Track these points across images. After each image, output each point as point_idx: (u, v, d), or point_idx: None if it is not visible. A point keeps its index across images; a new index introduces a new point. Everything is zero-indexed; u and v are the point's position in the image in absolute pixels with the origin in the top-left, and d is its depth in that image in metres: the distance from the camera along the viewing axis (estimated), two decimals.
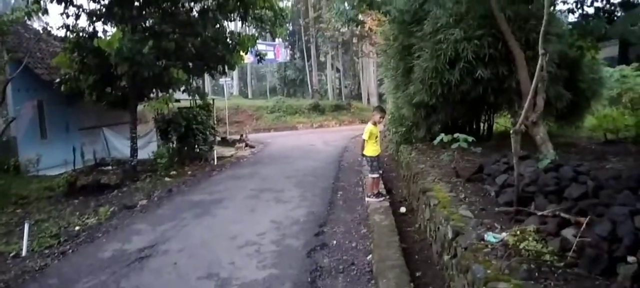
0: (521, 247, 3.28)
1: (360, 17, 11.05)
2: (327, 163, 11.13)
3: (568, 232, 3.31)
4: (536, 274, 2.89)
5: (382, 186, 7.35)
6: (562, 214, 3.55)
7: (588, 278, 2.79)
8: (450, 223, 3.95)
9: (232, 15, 11.95)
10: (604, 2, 7.78)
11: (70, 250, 5.32)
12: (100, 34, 10.67)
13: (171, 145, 12.49)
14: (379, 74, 31.00)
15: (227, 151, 15.19)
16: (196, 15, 11.52)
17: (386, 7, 7.50)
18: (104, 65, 10.15)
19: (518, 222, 3.86)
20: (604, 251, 2.89)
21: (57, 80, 11.14)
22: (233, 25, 23.48)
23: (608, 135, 9.02)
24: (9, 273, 4.71)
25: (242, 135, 19.29)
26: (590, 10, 8.09)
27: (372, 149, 6.58)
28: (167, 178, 10.23)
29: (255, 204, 7.01)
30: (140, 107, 12.08)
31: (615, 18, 7.89)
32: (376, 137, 6.76)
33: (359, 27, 18.53)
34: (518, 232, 3.51)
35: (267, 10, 12.38)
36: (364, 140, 6.60)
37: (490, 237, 3.55)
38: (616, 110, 11.36)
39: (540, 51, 4.51)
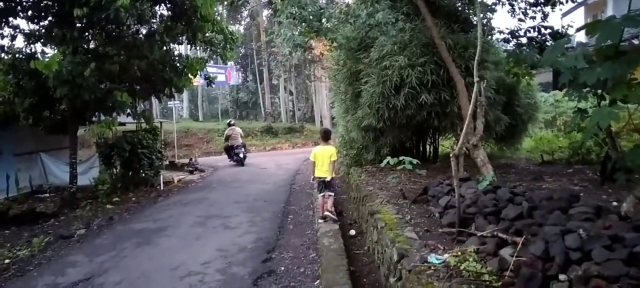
0: (462, 268, 3.37)
1: (311, 42, 11.18)
2: (278, 187, 11.02)
3: (505, 252, 3.43)
4: None
5: (333, 208, 7.37)
6: (500, 234, 3.68)
7: None
8: (395, 246, 4.00)
9: (180, 38, 11.74)
10: (536, 33, 8.33)
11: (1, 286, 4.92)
12: (38, 56, 10.14)
13: (114, 171, 11.95)
14: (331, 97, 31.49)
15: (175, 175, 14.71)
16: (142, 37, 11.24)
17: (333, 34, 7.66)
18: (41, 88, 9.62)
19: (460, 243, 3.97)
20: (539, 270, 3.01)
21: None
22: (182, 48, 23.09)
23: (544, 156, 9.55)
24: None
25: (191, 159, 18.79)
26: (524, 40, 8.63)
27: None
28: (109, 206, 9.76)
29: (201, 232, 6.79)
30: (81, 131, 11.52)
31: (546, 48, 8.45)
32: None
33: (309, 51, 18.81)
34: (459, 253, 3.60)
35: (217, 34, 12.28)
36: (333, 161, 6.69)
37: (433, 258, 3.62)
38: (551, 132, 12.12)
39: (475, 78, 4.74)
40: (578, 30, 6.66)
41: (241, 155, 16.61)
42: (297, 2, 7.33)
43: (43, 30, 10.28)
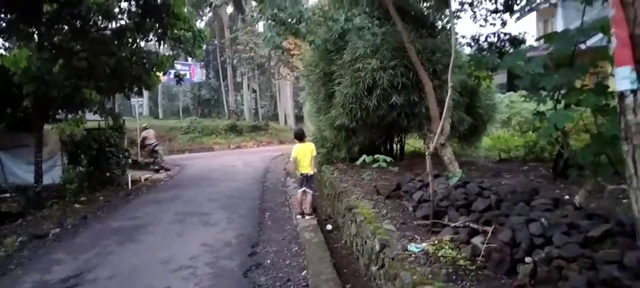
0: (440, 254, 3.76)
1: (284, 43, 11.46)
2: (250, 185, 11.18)
3: (477, 240, 3.85)
4: (454, 277, 3.35)
5: (311, 208, 7.64)
6: (472, 225, 4.10)
7: (495, 279, 3.31)
8: (377, 237, 4.34)
9: (149, 35, 11.65)
10: (496, 38, 8.95)
11: None
12: (1, 51, 9.84)
13: (80, 169, 11.71)
14: (296, 96, 31.67)
15: (141, 174, 14.52)
16: (109, 33, 11.08)
17: (310, 36, 7.97)
18: (3, 84, 9.36)
19: (434, 233, 4.37)
20: (507, 254, 3.43)
21: None
22: (150, 45, 22.67)
23: (501, 154, 10.24)
24: None
25: (155, 158, 18.53)
26: (485, 45, 9.23)
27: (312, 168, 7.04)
28: (77, 205, 9.60)
29: (182, 228, 6.90)
30: (47, 128, 11.23)
31: (505, 52, 9.08)
32: None
33: (287, 52, 19.23)
34: (436, 242, 3.99)
35: (185, 32, 12.26)
36: (314, 157, 7.03)
37: (413, 247, 3.99)
38: (507, 132, 12.91)
39: (450, 83, 5.16)
40: (537, 39, 7.29)
41: (160, 152, 18.69)
42: (277, 5, 7.58)
43: (4, 25, 9.95)
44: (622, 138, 1.83)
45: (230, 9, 34.87)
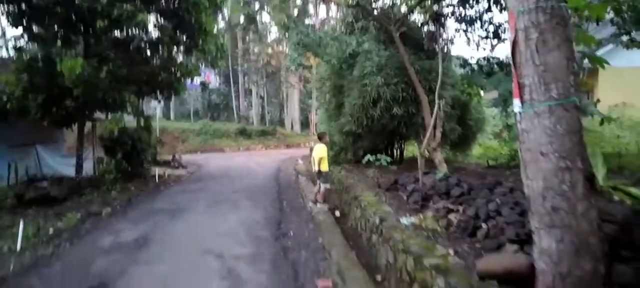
0: (424, 225, 5.15)
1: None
2: (266, 182, 12.54)
3: (452, 216, 5.23)
4: (432, 238, 4.74)
5: (322, 198, 9.00)
6: (449, 206, 5.49)
7: (460, 238, 4.68)
8: (377, 215, 5.73)
9: (180, 47, 13.13)
10: (485, 61, 10.33)
11: (67, 244, 6.18)
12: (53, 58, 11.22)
13: (114, 163, 13.12)
14: (302, 104, 33.06)
15: (161, 171, 15.87)
16: (145, 44, 12.53)
17: (327, 56, 9.40)
18: (53, 85, 10.72)
19: (421, 213, 5.75)
20: (471, 224, 4.81)
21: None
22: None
23: (490, 161, 11.58)
24: (10, 267, 5.33)
25: (174, 156, 19.95)
26: (476, 66, 10.62)
27: (326, 165, 8.40)
28: (113, 193, 10.93)
29: (217, 210, 8.25)
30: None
31: (494, 73, 10.46)
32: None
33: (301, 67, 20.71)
34: (422, 218, 5.39)
35: (211, 46, 13.75)
36: (322, 158, 8.33)
37: (404, 220, 5.38)
38: (498, 142, 14.25)
39: (436, 99, 6.56)
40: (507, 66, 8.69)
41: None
42: (301, 33, 9.04)
43: (56, 35, 11.37)
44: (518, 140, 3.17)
45: (242, 19, 36.48)
